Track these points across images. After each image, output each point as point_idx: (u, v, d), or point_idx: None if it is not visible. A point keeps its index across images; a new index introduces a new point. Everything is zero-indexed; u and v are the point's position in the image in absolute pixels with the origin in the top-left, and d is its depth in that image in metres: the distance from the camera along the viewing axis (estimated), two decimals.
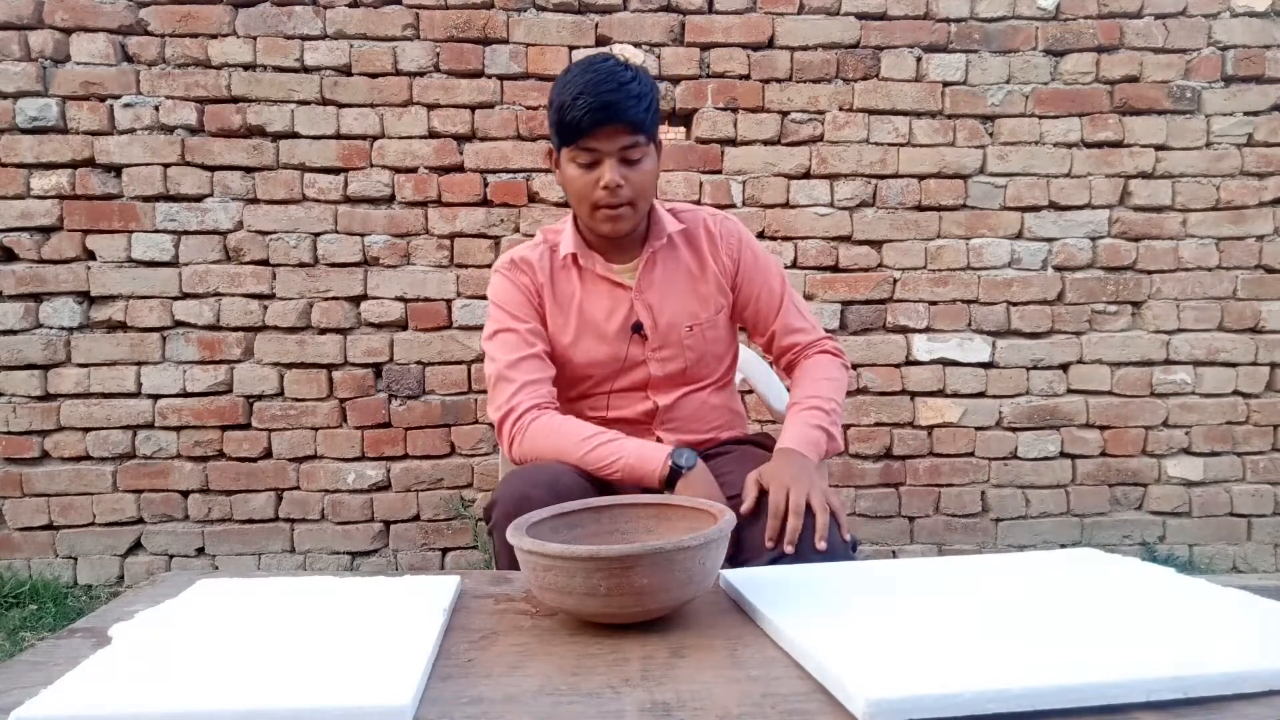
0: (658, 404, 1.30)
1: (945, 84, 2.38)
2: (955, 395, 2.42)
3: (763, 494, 1.08)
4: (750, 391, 1.68)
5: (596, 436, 1.16)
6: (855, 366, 2.40)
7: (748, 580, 0.85)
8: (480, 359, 2.35)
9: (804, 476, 1.07)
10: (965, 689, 0.56)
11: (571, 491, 1.04)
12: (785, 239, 2.37)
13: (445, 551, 2.38)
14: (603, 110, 1.12)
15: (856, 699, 0.56)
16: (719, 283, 1.31)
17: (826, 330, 1.38)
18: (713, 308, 1.31)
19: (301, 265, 2.31)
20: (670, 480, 1.11)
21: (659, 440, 1.30)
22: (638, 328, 1.27)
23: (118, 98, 2.25)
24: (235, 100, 2.27)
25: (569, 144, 1.17)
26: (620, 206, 1.18)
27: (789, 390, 1.35)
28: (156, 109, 2.25)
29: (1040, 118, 2.39)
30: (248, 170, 2.29)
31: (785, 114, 2.36)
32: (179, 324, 2.29)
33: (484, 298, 2.31)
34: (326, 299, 2.32)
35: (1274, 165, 2.40)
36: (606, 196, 1.17)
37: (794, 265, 2.38)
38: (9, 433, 2.26)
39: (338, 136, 2.30)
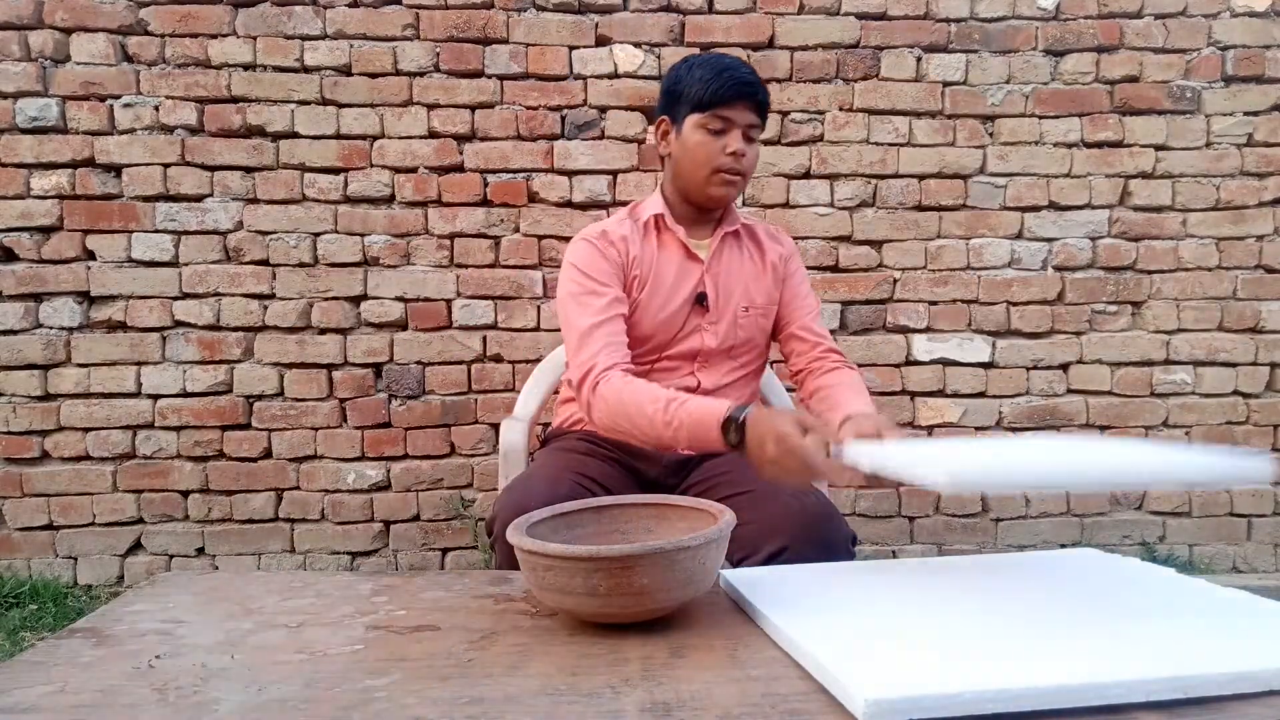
0: (700, 382, 1.34)
1: (945, 84, 2.38)
2: (955, 395, 2.42)
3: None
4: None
5: (657, 405, 1.13)
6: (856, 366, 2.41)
7: (748, 580, 0.85)
8: (480, 359, 2.35)
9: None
10: (965, 689, 0.56)
11: (570, 501, 1.04)
12: None
13: (445, 551, 2.38)
14: (745, 86, 1.26)
15: (856, 699, 0.56)
16: (775, 279, 1.40)
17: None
18: (766, 299, 1.39)
19: (301, 265, 2.31)
20: (728, 429, 1.07)
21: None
22: (701, 298, 1.34)
23: (118, 98, 2.25)
24: (235, 100, 2.27)
25: (705, 111, 1.27)
26: (737, 175, 1.29)
27: (803, 387, 1.38)
28: (156, 109, 2.26)
29: (1040, 118, 2.39)
30: (248, 170, 2.29)
31: (785, 114, 2.36)
32: (179, 324, 2.29)
33: (484, 298, 2.34)
34: (326, 299, 2.32)
35: (1274, 165, 2.40)
36: (731, 162, 1.28)
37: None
38: (9, 433, 2.26)
39: (338, 136, 2.30)
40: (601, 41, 2.33)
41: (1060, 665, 0.60)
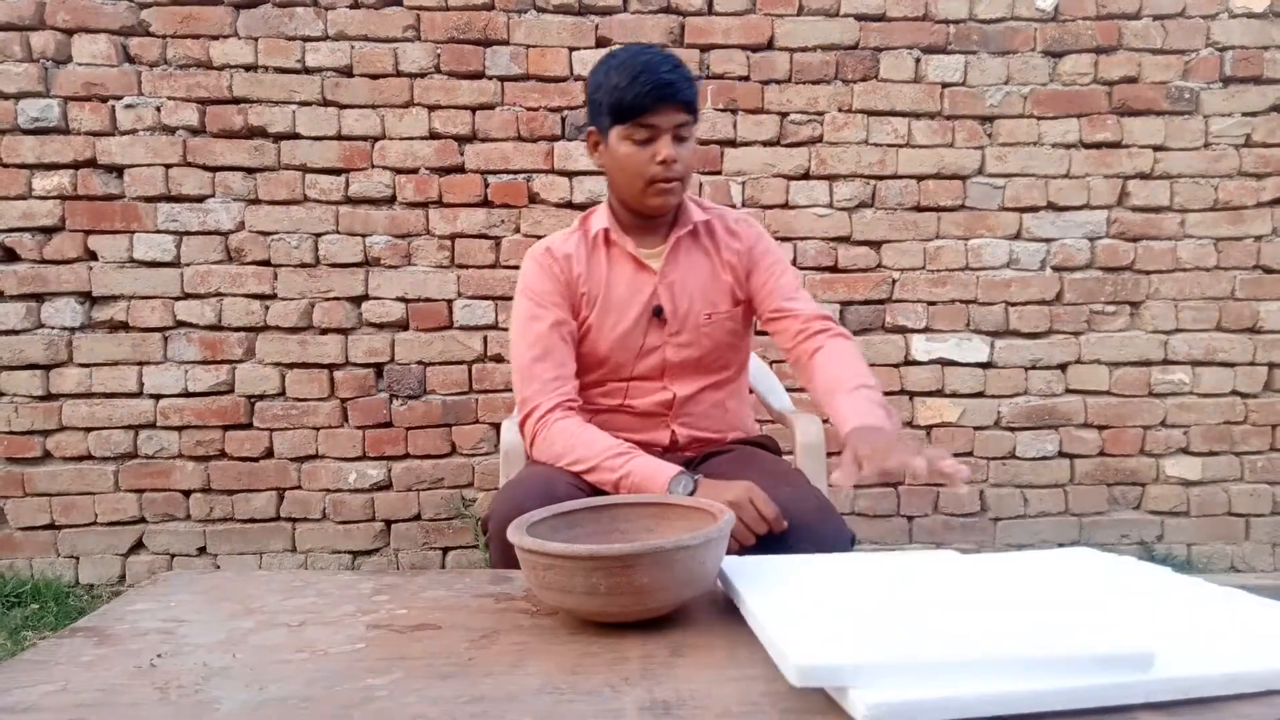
0: (676, 394, 1.31)
1: (944, 85, 2.38)
2: (954, 395, 2.43)
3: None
4: (750, 391, 1.68)
5: (611, 450, 1.17)
6: None
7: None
8: (481, 359, 2.36)
9: (907, 447, 0.98)
10: (965, 691, 0.56)
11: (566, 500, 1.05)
12: (785, 239, 2.38)
13: (446, 551, 2.39)
14: (665, 88, 1.17)
15: (857, 704, 0.56)
16: (737, 277, 1.34)
17: None
18: (731, 300, 1.33)
19: (303, 266, 2.31)
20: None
21: (674, 435, 1.32)
22: (658, 311, 1.29)
23: (119, 98, 2.25)
24: (237, 101, 2.28)
25: (626, 121, 1.20)
26: (673, 181, 1.22)
27: (800, 373, 1.30)
28: (158, 110, 2.26)
29: (1039, 118, 2.39)
30: (249, 171, 2.29)
31: (785, 115, 2.37)
32: (181, 324, 2.30)
33: (485, 298, 2.34)
34: (328, 299, 2.32)
35: (1272, 166, 2.41)
36: (662, 171, 1.21)
37: (793, 265, 2.38)
38: (11, 433, 2.27)
39: (339, 137, 2.30)
40: (602, 43, 2.33)
41: (1059, 666, 0.60)
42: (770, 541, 1.07)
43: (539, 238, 2.30)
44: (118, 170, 2.27)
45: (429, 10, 2.29)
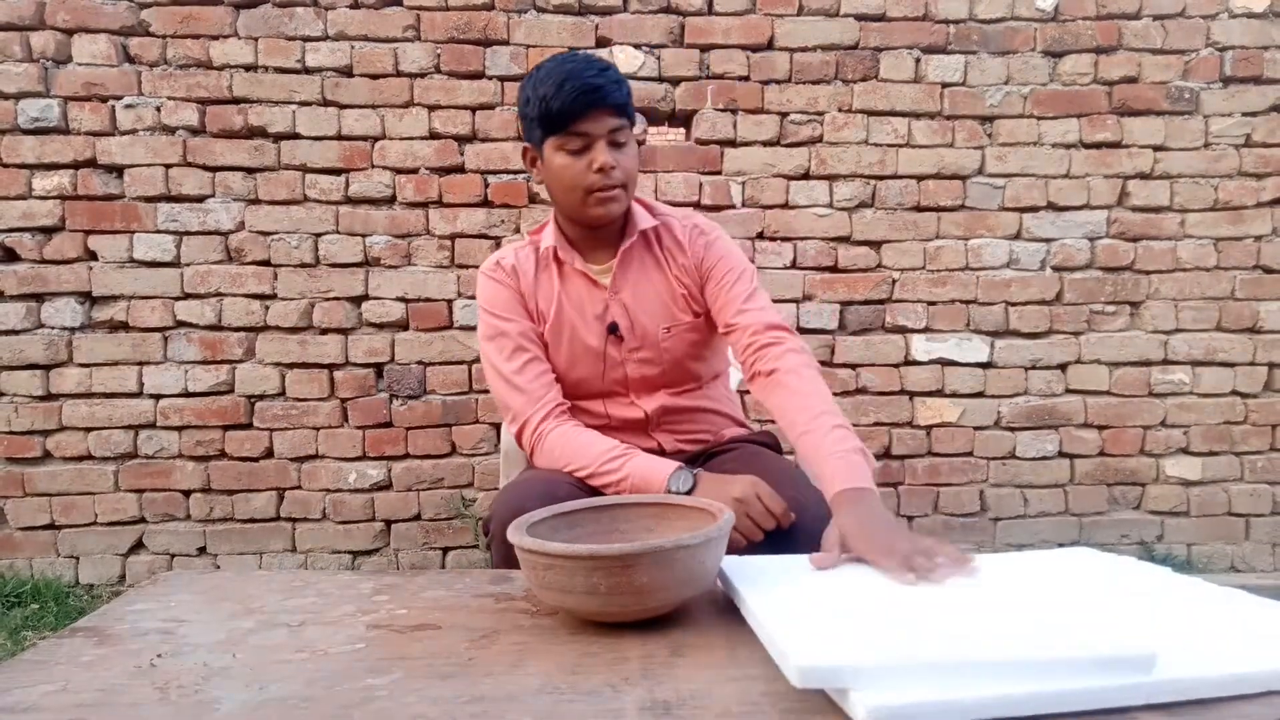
0: (646, 411, 1.29)
1: (944, 85, 2.38)
2: (954, 395, 2.43)
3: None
4: (749, 391, 1.67)
5: (607, 454, 1.16)
6: (854, 366, 2.41)
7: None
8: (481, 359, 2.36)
9: (896, 534, 0.89)
10: (966, 694, 0.56)
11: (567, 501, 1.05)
12: (784, 239, 2.38)
13: (446, 551, 2.39)
14: (592, 93, 1.13)
15: (857, 706, 0.56)
16: (690, 291, 1.29)
17: (824, 330, 1.36)
18: (690, 312, 1.29)
19: (303, 266, 2.31)
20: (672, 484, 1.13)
21: (660, 445, 1.31)
22: (614, 328, 1.26)
23: (119, 98, 2.25)
24: (237, 101, 2.28)
25: (557, 132, 1.16)
26: (613, 189, 1.18)
27: (757, 389, 1.21)
28: (158, 110, 2.26)
29: (1039, 118, 2.39)
30: (249, 171, 2.29)
31: (784, 115, 2.37)
32: (181, 324, 2.30)
33: None
34: (328, 299, 2.32)
35: (1272, 166, 2.41)
36: (600, 179, 1.16)
37: (793, 266, 2.38)
38: (11, 433, 2.27)
39: (339, 137, 2.30)
40: (601, 43, 2.33)
41: (1060, 668, 0.60)
42: (776, 538, 1.07)
43: None
44: (118, 170, 2.27)
45: (429, 10, 2.29)
